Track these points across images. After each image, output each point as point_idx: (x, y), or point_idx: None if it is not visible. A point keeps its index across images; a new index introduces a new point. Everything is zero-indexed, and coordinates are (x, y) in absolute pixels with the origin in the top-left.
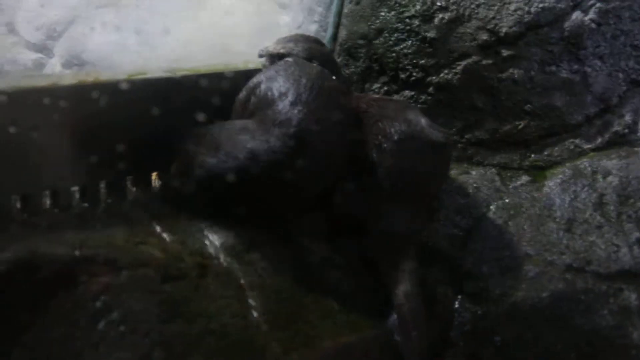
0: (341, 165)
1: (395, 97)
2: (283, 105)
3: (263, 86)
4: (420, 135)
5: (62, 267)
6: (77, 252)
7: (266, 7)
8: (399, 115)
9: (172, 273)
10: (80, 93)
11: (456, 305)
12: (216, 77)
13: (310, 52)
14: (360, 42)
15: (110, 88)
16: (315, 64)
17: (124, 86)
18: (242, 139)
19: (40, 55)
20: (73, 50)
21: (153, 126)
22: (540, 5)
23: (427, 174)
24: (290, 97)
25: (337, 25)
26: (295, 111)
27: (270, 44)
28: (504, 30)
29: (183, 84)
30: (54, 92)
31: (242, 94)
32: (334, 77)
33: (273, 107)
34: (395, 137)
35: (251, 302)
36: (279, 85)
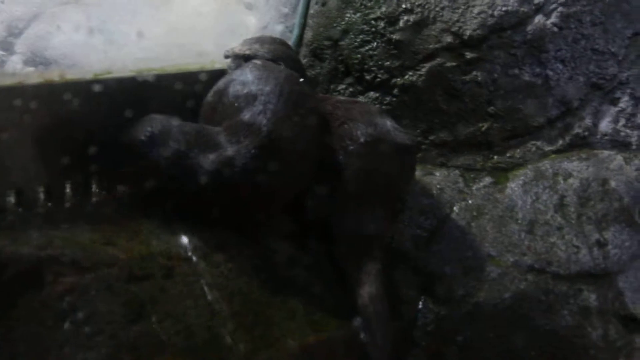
0: (312, 169)
1: (361, 98)
2: (252, 112)
3: (231, 91)
4: (385, 137)
5: (28, 266)
6: (42, 252)
7: (233, 7)
8: (365, 117)
9: (138, 273)
10: (46, 92)
11: (420, 306)
12: (184, 77)
13: (276, 53)
14: (326, 43)
15: (77, 87)
16: (282, 67)
17: (90, 86)
18: (213, 146)
19: (1, 52)
20: (35, 48)
21: (120, 126)
22: (504, 8)
23: (393, 176)
24: (258, 103)
25: (303, 26)
26: (265, 118)
27: (236, 44)
28: (467, 33)
29: (150, 83)
30: (19, 92)
31: (210, 98)
32: (301, 79)
33: (242, 114)
34: (362, 140)
35: (217, 303)
36: (247, 90)
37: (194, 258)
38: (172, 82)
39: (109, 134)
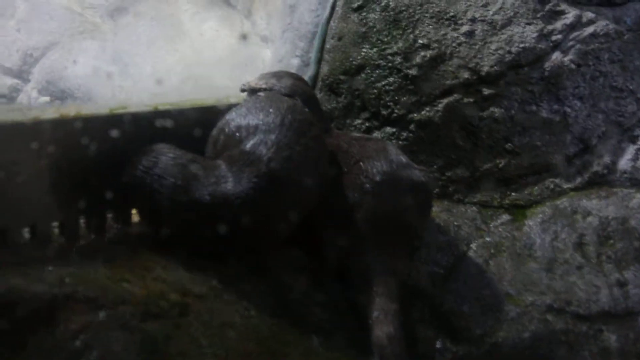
0: (315, 198)
1: (377, 133)
2: (252, 144)
3: (232, 123)
4: (401, 175)
5: (41, 305)
6: (56, 290)
7: (248, 40)
8: (380, 155)
9: (153, 311)
10: (61, 127)
11: (437, 345)
12: (199, 112)
13: (293, 88)
14: (342, 77)
15: (92, 122)
16: (287, 98)
17: (106, 120)
18: (213, 180)
19: (16, 80)
20: (50, 77)
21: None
22: (521, 45)
23: (409, 214)
24: (259, 134)
25: (319, 61)
26: (264, 150)
27: (253, 78)
28: (485, 69)
29: (166, 119)
30: (35, 127)
31: (214, 132)
32: (306, 109)
33: (242, 146)
34: (377, 178)
35: (233, 342)
36: (247, 122)
37: (210, 295)
38: (187, 117)
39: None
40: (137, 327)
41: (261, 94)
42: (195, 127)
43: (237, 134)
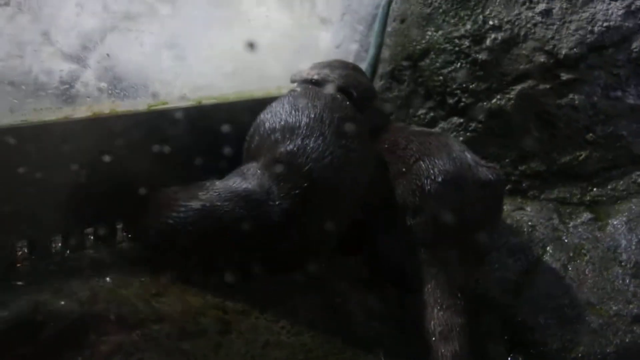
0: (360, 204)
1: (442, 124)
2: (290, 149)
3: (267, 124)
4: (467, 174)
5: (69, 324)
6: (85, 307)
7: (306, 22)
8: (442, 152)
9: (191, 329)
10: (95, 127)
11: None
12: (246, 105)
13: (347, 79)
14: (405, 63)
15: (128, 121)
16: (325, 93)
17: (142, 118)
18: (249, 192)
19: (75, 65)
20: (107, 63)
21: (174, 163)
22: (605, 24)
23: (477, 218)
24: (296, 139)
25: (380, 46)
26: (303, 158)
27: (305, 68)
28: (563, 51)
29: (209, 114)
30: (68, 126)
31: (250, 132)
32: (346, 103)
33: (277, 150)
34: (440, 179)
35: None
36: (283, 123)
37: (253, 311)
38: (232, 111)
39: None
40: (174, 348)
41: (297, 88)
42: (240, 122)
43: (272, 137)
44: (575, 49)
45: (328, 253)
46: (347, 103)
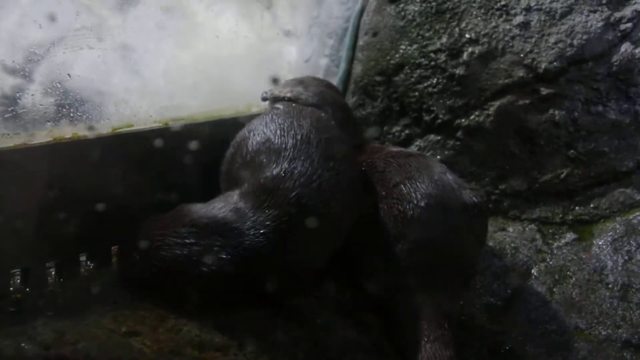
0: (348, 229)
1: (419, 141)
2: (275, 173)
3: (249, 145)
4: (450, 197)
5: None
6: (51, 351)
7: (269, 34)
8: (424, 174)
9: None
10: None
11: None
12: (216, 126)
13: (322, 97)
14: (378, 79)
15: (91, 145)
16: (309, 111)
17: (107, 142)
18: (231, 221)
19: (19, 80)
20: (55, 77)
21: (140, 190)
22: (584, 37)
23: (462, 243)
24: (282, 161)
25: (351, 60)
26: (290, 183)
27: (276, 86)
28: (542, 65)
29: (177, 136)
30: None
31: (229, 153)
32: (332, 123)
33: (262, 175)
34: (422, 203)
35: None
36: (268, 145)
37: (231, 347)
38: (202, 132)
39: (127, 198)
40: None
41: (279, 106)
42: (212, 144)
43: (256, 159)
44: (555, 63)
45: (313, 282)
46: (332, 122)
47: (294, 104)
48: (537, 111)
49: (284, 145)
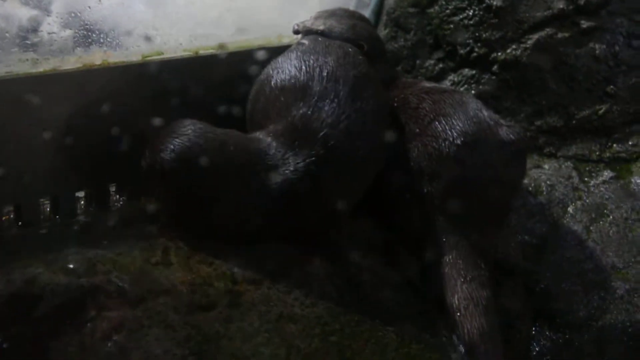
0: (379, 167)
1: (452, 76)
2: (302, 113)
3: (274, 83)
4: (487, 135)
5: (66, 300)
6: (83, 280)
7: None
8: (459, 111)
9: (200, 302)
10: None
11: (533, 332)
12: (245, 56)
13: (355, 30)
14: (411, 10)
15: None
16: (337, 45)
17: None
18: (257, 162)
19: (35, 11)
20: (72, 8)
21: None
22: None
23: (499, 181)
24: (309, 100)
25: None
26: (318, 124)
27: (308, 18)
28: None
29: (207, 65)
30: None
31: (254, 89)
32: (360, 57)
33: (288, 115)
34: (459, 141)
35: (294, 338)
36: (293, 82)
37: (265, 282)
38: (231, 62)
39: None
40: (181, 323)
41: (305, 41)
42: (241, 75)
43: (282, 98)
44: None
45: (343, 221)
46: (361, 57)
47: (320, 38)
48: (576, 45)
49: (310, 83)
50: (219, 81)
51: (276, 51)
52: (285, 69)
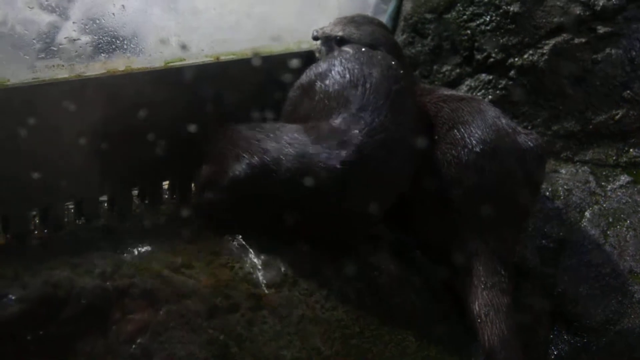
0: (409, 179)
1: (469, 81)
2: (343, 118)
3: (318, 86)
4: (505, 142)
5: (91, 302)
6: (108, 283)
7: None
8: (477, 118)
9: (222, 305)
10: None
11: (552, 335)
12: (267, 61)
13: (374, 37)
14: (429, 16)
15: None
16: (378, 55)
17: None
18: (295, 153)
19: (54, 17)
20: (91, 14)
21: (192, 123)
22: None
23: (517, 189)
24: (352, 108)
25: None
26: (357, 130)
27: (327, 24)
28: (600, 2)
29: (229, 71)
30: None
31: (295, 92)
32: (401, 72)
33: (330, 119)
34: (477, 149)
35: (315, 340)
36: (338, 88)
37: (286, 285)
38: (253, 68)
39: (178, 132)
40: (203, 326)
41: (348, 49)
42: (264, 79)
43: (325, 102)
44: (613, 0)
45: (368, 228)
46: (402, 71)
47: (363, 48)
48: (593, 50)
49: (353, 92)
50: (241, 85)
51: (296, 57)
52: (330, 76)
